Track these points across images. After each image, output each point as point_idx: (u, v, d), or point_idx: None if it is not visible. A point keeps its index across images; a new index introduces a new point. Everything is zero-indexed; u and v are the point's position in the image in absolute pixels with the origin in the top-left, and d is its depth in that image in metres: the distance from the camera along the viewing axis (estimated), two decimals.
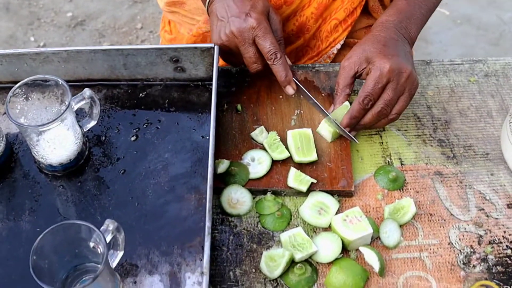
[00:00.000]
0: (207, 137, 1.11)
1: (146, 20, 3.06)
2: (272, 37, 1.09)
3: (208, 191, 0.94)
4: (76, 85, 1.16)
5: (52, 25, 3.01)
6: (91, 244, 0.88)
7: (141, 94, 1.18)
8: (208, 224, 0.90)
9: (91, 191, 1.05)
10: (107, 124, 1.14)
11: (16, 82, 1.01)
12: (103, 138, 1.12)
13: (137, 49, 1.13)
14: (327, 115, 1.09)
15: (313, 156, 1.07)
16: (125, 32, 3.00)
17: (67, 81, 1.01)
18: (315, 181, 1.05)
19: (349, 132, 1.08)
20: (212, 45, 1.12)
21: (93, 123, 1.08)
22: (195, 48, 1.12)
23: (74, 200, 1.04)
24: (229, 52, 1.14)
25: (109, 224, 0.88)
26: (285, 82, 1.11)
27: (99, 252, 0.88)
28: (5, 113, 1.12)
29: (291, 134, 1.09)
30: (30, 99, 1.04)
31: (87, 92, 1.02)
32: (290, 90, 1.12)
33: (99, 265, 0.83)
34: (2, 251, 0.98)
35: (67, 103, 1.01)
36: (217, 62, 1.10)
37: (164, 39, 1.53)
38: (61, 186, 1.06)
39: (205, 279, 0.86)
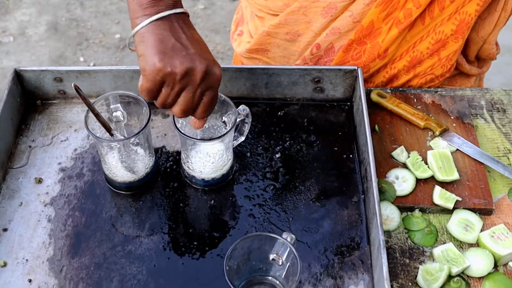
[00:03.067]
0: (350, 156, 1.15)
1: None
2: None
3: (376, 205, 0.98)
4: None
5: (100, 46, 3.04)
6: (271, 256, 0.92)
7: (279, 113, 1.21)
8: (381, 237, 0.94)
9: (244, 206, 1.08)
10: (250, 141, 1.17)
11: None
12: (248, 154, 1.15)
13: (281, 69, 1.17)
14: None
15: (455, 175, 1.11)
16: None
17: None
18: (460, 198, 1.09)
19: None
20: (355, 67, 1.16)
21: (241, 139, 1.10)
22: (339, 69, 1.16)
23: (227, 214, 1.08)
24: None
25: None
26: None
27: (279, 264, 0.92)
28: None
29: (431, 154, 1.14)
30: None
31: (243, 108, 1.05)
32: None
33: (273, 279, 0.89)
34: (162, 262, 1.02)
35: (225, 119, 1.05)
36: (363, 83, 1.13)
37: None
38: (212, 200, 1.09)
39: None
